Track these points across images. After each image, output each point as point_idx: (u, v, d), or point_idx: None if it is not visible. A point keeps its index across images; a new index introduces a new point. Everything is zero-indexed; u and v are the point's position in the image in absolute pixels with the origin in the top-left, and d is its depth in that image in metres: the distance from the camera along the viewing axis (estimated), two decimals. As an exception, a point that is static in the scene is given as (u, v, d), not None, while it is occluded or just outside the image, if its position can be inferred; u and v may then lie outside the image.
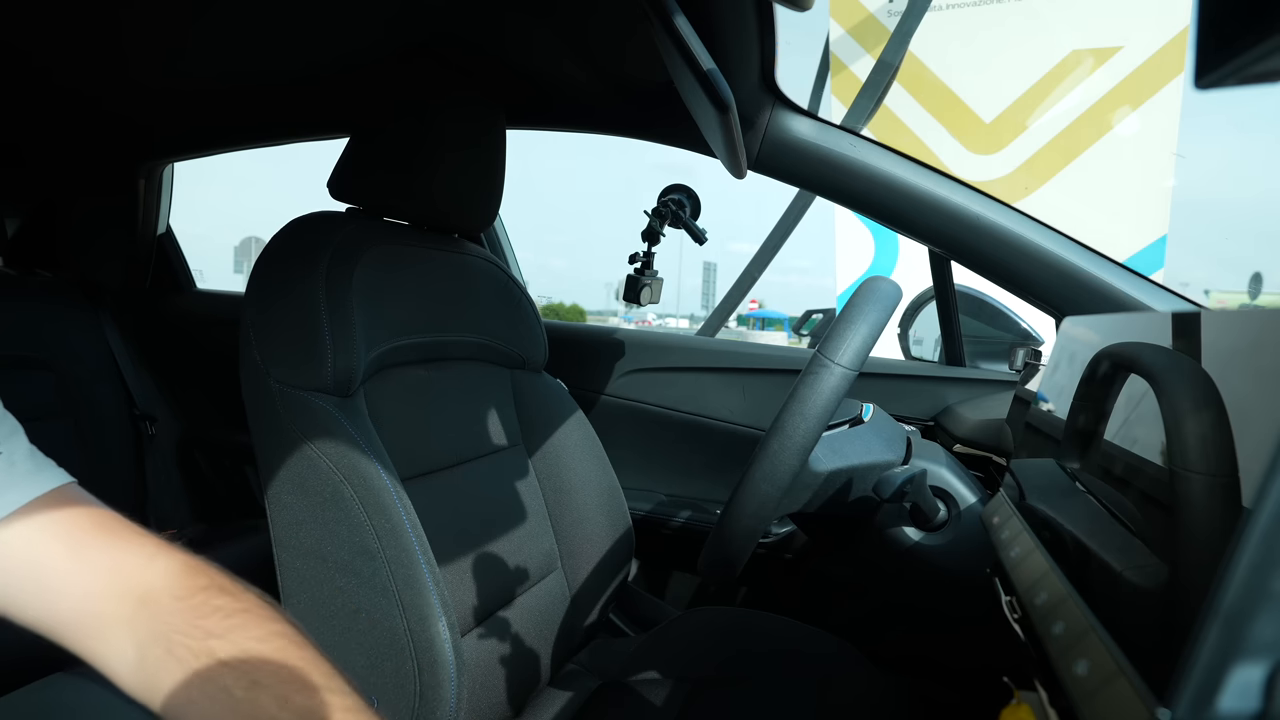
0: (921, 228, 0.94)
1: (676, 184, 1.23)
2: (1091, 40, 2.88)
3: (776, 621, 1.04)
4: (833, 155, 0.94)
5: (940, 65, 3.18)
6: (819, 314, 2.69)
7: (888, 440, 0.82)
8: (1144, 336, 0.43)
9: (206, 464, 1.63)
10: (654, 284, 1.22)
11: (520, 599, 0.93)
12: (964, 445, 1.03)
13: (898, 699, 0.91)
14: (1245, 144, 31.58)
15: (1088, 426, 0.48)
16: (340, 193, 0.92)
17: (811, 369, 0.63)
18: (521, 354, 1.06)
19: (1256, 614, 0.25)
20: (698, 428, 1.38)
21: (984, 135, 3.14)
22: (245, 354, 0.78)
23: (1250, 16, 0.18)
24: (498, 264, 1.05)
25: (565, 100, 1.12)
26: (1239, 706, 0.25)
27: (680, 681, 0.91)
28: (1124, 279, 0.88)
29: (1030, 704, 0.45)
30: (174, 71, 1.14)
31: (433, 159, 0.89)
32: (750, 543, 0.66)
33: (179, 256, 1.73)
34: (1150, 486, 0.37)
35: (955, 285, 1.28)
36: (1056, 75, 2.96)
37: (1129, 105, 2.84)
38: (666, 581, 1.46)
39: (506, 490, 0.99)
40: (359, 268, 0.80)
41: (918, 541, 0.83)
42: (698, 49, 0.61)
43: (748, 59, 0.83)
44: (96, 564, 0.47)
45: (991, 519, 0.59)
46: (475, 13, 0.90)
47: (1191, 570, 0.29)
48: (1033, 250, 0.90)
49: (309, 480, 0.74)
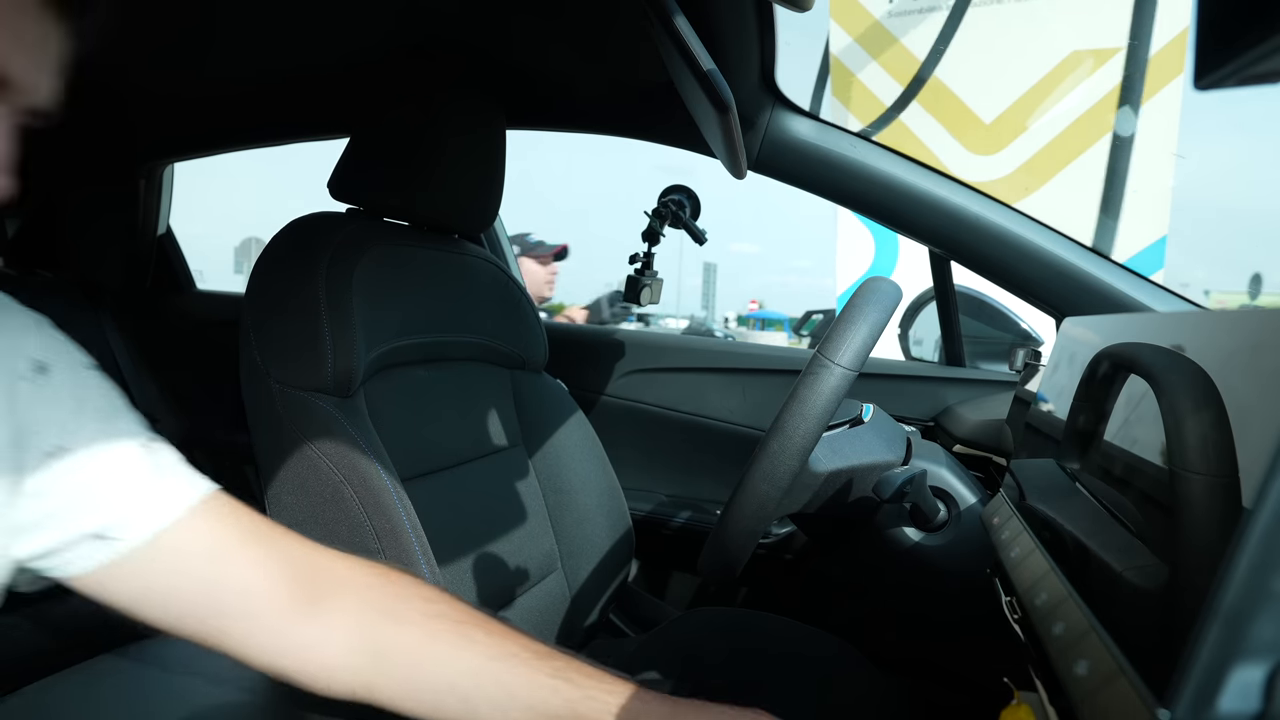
0: (921, 228, 0.94)
1: (676, 185, 1.23)
2: (1091, 41, 2.88)
3: (776, 622, 1.04)
4: (833, 156, 0.94)
5: (941, 66, 3.18)
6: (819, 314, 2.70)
7: (888, 441, 0.82)
8: (1144, 337, 0.43)
9: (207, 464, 1.63)
10: (654, 284, 1.22)
11: (520, 599, 0.93)
12: (964, 445, 1.03)
13: (898, 699, 0.91)
14: (1247, 145, 30.92)
15: (1088, 427, 0.48)
16: (340, 193, 0.92)
17: (811, 369, 0.63)
18: (521, 354, 1.06)
19: (1256, 614, 0.25)
20: (698, 428, 1.38)
21: (984, 136, 3.14)
22: (245, 354, 0.78)
23: (1250, 16, 0.18)
24: (498, 264, 1.05)
25: (565, 100, 1.12)
26: (1239, 707, 0.25)
27: (680, 682, 0.91)
28: (1124, 279, 0.88)
29: (1030, 704, 0.45)
30: (175, 72, 1.14)
31: (433, 159, 0.89)
32: (750, 543, 0.66)
33: (179, 257, 1.73)
34: (1150, 487, 0.37)
35: (955, 285, 1.28)
36: (1056, 76, 2.96)
37: (1129, 106, 2.84)
38: (667, 582, 1.46)
39: (506, 491, 0.98)
40: (359, 268, 0.80)
41: (918, 542, 0.83)
42: (698, 49, 0.61)
43: (748, 59, 0.83)
44: (279, 554, 0.49)
45: (991, 519, 0.59)
46: (476, 13, 0.90)
47: (1191, 570, 0.29)
48: (1033, 250, 0.90)
49: (309, 481, 0.74)
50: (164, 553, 0.45)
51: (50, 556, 0.44)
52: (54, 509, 0.43)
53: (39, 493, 0.43)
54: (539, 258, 2.35)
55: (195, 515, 0.47)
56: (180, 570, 0.46)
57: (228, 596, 0.47)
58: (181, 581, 0.46)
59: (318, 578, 0.50)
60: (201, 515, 0.47)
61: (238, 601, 0.47)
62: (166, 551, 0.45)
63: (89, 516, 0.44)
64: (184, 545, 0.46)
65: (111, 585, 0.45)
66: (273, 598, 0.48)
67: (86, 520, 0.43)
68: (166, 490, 0.46)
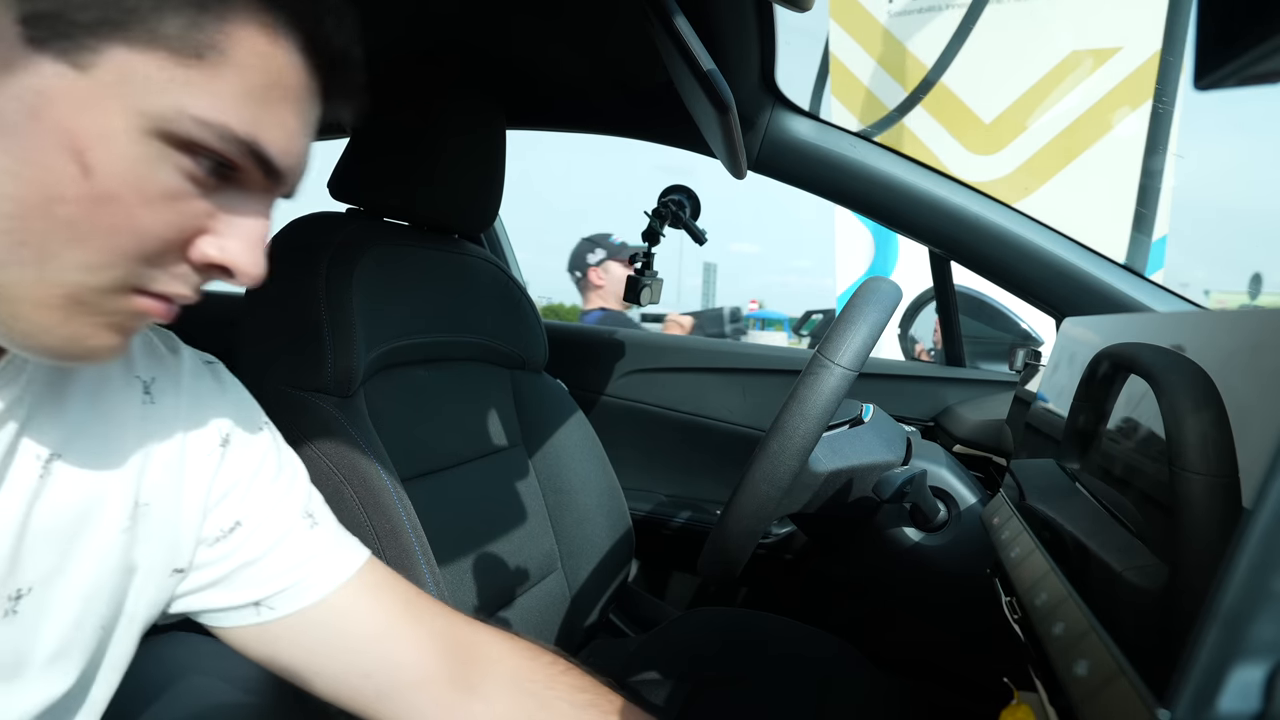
0: (921, 228, 0.94)
1: (676, 185, 1.23)
2: (1091, 41, 2.88)
3: (776, 622, 1.04)
4: (833, 156, 0.94)
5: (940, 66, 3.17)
6: (819, 314, 2.71)
7: (888, 441, 0.82)
8: (1144, 337, 0.43)
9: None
10: (654, 284, 1.22)
11: (520, 599, 0.93)
12: (964, 446, 1.03)
13: (898, 699, 0.91)
14: (1247, 145, 30.56)
15: (1088, 427, 0.48)
16: (340, 193, 0.92)
17: (811, 369, 0.63)
18: (522, 354, 1.06)
19: (1256, 614, 0.25)
20: (698, 428, 1.38)
21: (984, 136, 3.14)
22: (245, 355, 0.78)
23: (1250, 16, 0.18)
24: (498, 264, 1.05)
25: (565, 100, 1.12)
26: (1239, 707, 0.25)
27: (680, 682, 0.91)
28: (1124, 279, 0.88)
29: (1030, 704, 0.45)
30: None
31: (432, 159, 0.89)
32: (750, 543, 0.66)
33: (179, 257, 1.72)
34: (1150, 487, 0.37)
35: (955, 285, 1.28)
36: (1056, 76, 2.96)
37: (1129, 106, 2.84)
38: (667, 582, 1.46)
39: (506, 491, 0.98)
40: (359, 268, 0.80)
41: (918, 542, 0.83)
42: (698, 49, 0.61)
43: (748, 59, 0.83)
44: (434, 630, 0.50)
45: (991, 519, 0.59)
46: (477, 14, 0.90)
47: (1191, 571, 0.29)
48: (1033, 251, 0.90)
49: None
50: (313, 625, 0.46)
51: (205, 615, 0.47)
52: (220, 577, 0.45)
53: (207, 563, 0.45)
54: (625, 261, 2.29)
55: (348, 590, 0.48)
56: (331, 643, 0.47)
57: (384, 671, 0.48)
58: (332, 653, 0.47)
59: (474, 654, 0.51)
60: (355, 589, 0.48)
61: (396, 675, 0.48)
62: (315, 625, 0.46)
63: (252, 589, 0.46)
64: (334, 620, 0.47)
65: (257, 647, 0.47)
66: (430, 675, 0.48)
67: (249, 592, 0.46)
68: (324, 565, 0.48)
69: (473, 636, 0.52)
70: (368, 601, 0.48)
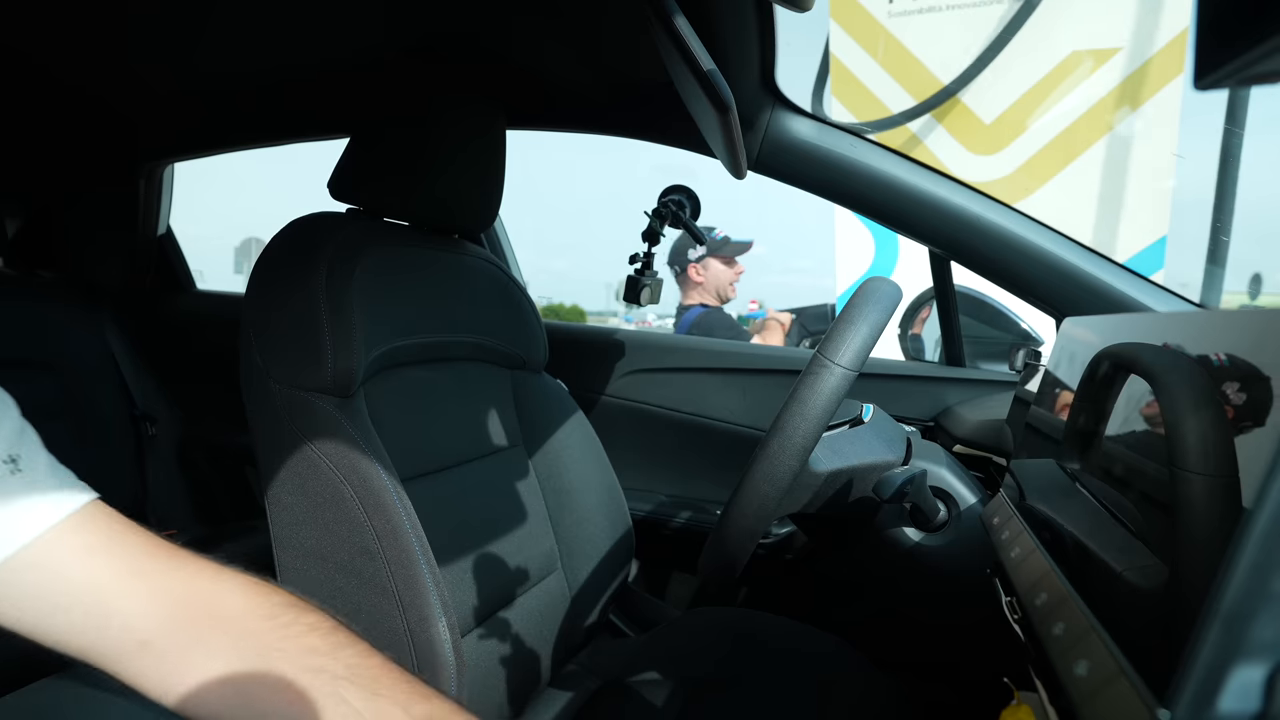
0: (921, 228, 0.94)
1: (676, 185, 1.23)
2: (1091, 41, 2.88)
3: (777, 622, 1.04)
4: (833, 156, 0.94)
5: (939, 66, 3.17)
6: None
7: (888, 441, 0.82)
8: (1144, 337, 0.43)
9: (206, 464, 1.63)
10: (654, 284, 1.22)
11: (520, 599, 0.93)
12: (964, 446, 1.03)
13: (898, 699, 0.91)
14: (1247, 145, 31.85)
15: (1088, 427, 0.48)
16: (340, 193, 0.92)
17: (811, 369, 0.63)
18: (521, 354, 1.06)
19: (1256, 614, 0.25)
20: (698, 428, 1.38)
21: (984, 136, 3.14)
22: (245, 355, 0.78)
23: (1250, 16, 0.18)
24: (498, 264, 1.05)
25: (565, 101, 1.12)
26: (1239, 707, 0.25)
27: (681, 682, 0.91)
28: (1124, 279, 0.88)
29: (1030, 704, 0.45)
30: (175, 72, 1.14)
31: (433, 159, 0.89)
32: (750, 543, 0.66)
33: (179, 257, 1.73)
34: (1150, 487, 0.37)
35: (955, 285, 1.28)
36: (1056, 76, 2.96)
37: (1129, 106, 2.84)
38: (667, 582, 1.46)
39: (507, 491, 0.98)
40: (359, 268, 0.80)
41: (918, 542, 0.83)
42: (698, 49, 0.61)
43: (748, 59, 0.83)
44: (158, 586, 0.46)
45: (991, 520, 0.59)
46: (476, 14, 0.90)
47: (1191, 571, 0.29)
48: (1033, 251, 0.90)
49: (309, 481, 0.74)
50: (20, 571, 0.43)
51: None
52: None
53: None
54: (725, 258, 2.25)
55: (54, 540, 0.44)
56: (39, 597, 0.44)
57: (101, 628, 0.44)
58: (42, 609, 0.44)
59: (205, 611, 0.47)
60: (62, 540, 0.44)
61: (108, 623, 0.44)
62: (24, 569, 0.43)
63: None
64: (35, 573, 0.43)
65: None
66: (146, 626, 0.45)
67: None
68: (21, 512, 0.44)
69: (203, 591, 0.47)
70: (80, 554, 0.45)
